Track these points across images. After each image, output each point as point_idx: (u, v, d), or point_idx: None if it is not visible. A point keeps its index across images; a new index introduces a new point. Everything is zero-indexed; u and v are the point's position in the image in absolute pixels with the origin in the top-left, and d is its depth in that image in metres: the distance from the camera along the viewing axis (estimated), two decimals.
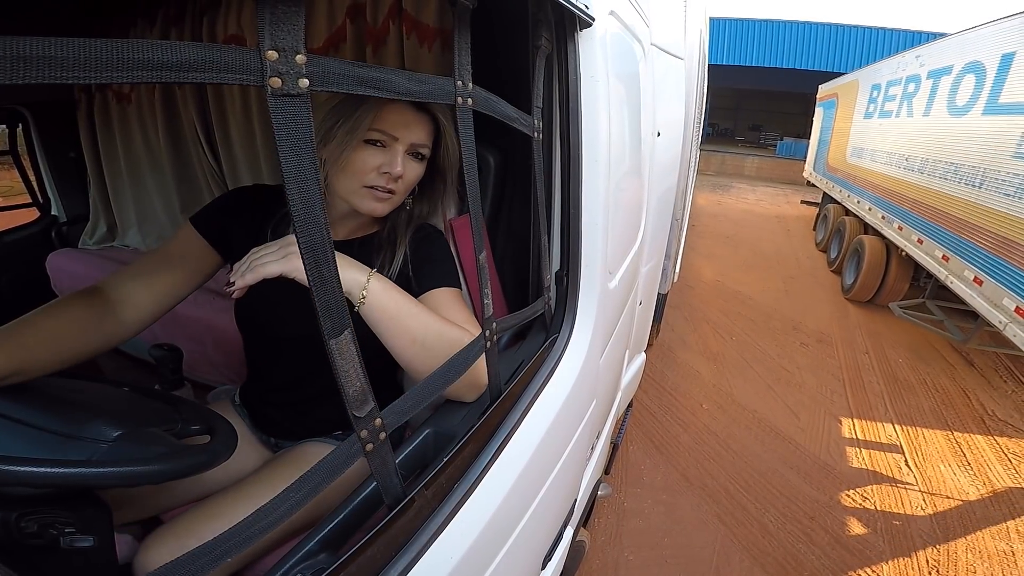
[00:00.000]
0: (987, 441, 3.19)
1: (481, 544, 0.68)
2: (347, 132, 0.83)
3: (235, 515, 0.79)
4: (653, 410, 3.22)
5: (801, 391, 3.60)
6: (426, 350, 0.79)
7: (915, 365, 4.14)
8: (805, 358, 4.11)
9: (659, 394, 3.41)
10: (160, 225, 2.29)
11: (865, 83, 6.71)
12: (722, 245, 7.58)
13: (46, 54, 0.27)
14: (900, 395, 3.68)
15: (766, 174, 17.04)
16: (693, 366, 3.85)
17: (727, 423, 3.14)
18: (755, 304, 5.20)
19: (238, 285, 0.71)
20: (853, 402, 3.53)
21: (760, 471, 2.72)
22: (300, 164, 0.40)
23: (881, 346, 4.44)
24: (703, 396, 3.43)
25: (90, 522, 0.68)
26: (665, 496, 2.49)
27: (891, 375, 3.96)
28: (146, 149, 2.15)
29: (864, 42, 14.51)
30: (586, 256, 1.04)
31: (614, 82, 1.07)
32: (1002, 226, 3.20)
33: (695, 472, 2.68)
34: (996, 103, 3.46)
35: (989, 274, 3.30)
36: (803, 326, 4.73)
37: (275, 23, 0.35)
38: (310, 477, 0.48)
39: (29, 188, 2.38)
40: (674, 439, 2.94)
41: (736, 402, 3.39)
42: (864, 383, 3.80)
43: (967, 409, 3.55)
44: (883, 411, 3.45)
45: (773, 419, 3.21)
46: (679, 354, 4.03)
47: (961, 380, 3.96)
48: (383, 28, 1.36)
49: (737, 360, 3.99)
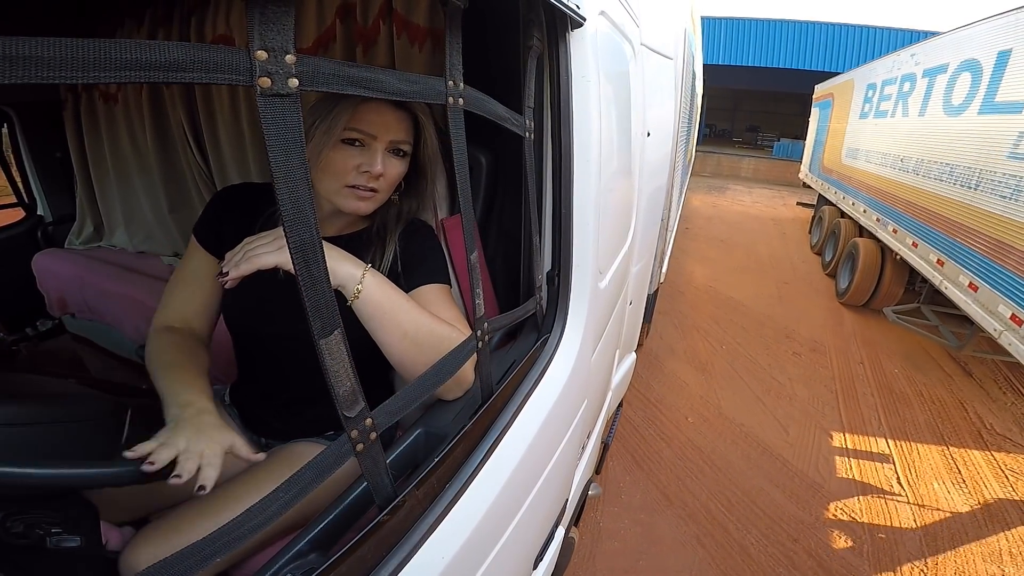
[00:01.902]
0: (984, 456, 3.09)
1: (472, 544, 0.68)
2: (324, 132, 0.82)
3: (224, 515, 0.78)
4: (636, 423, 3.10)
5: (792, 403, 3.48)
6: (416, 346, 0.79)
7: (911, 375, 4.02)
8: (797, 368, 3.99)
9: (643, 406, 3.29)
10: (147, 225, 2.27)
11: (860, 82, 6.66)
12: (716, 248, 7.45)
13: (33, 54, 0.26)
14: (895, 407, 3.56)
15: (763, 175, 16.97)
16: (680, 376, 3.71)
17: (712, 437, 3.02)
18: (747, 310, 5.08)
19: (232, 275, 0.70)
20: (846, 415, 3.42)
21: (744, 489, 2.62)
22: (289, 164, 0.40)
23: (877, 355, 4.32)
24: (689, 408, 3.31)
25: (77, 522, 0.67)
26: (643, 516, 2.39)
27: (886, 386, 3.84)
28: (133, 149, 2.13)
29: (863, 42, 14.45)
30: (577, 256, 1.04)
31: (605, 82, 1.07)
32: (998, 229, 3.10)
33: (676, 490, 2.58)
34: (992, 102, 3.38)
35: (984, 280, 3.20)
36: (796, 334, 4.60)
37: (264, 23, 0.35)
38: (300, 477, 0.48)
39: (15, 188, 2.35)
40: (656, 454, 2.83)
41: (723, 415, 3.27)
42: (858, 395, 3.69)
43: (964, 422, 3.44)
44: (876, 424, 3.35)
45: (761, 433, 3.10)
46: (666, 363, 3.89)
47: (958, 391, 3.83)
48: (373, 28, 1.35)
49: (727, 370, 3.86)
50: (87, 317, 2.11)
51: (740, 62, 15.88)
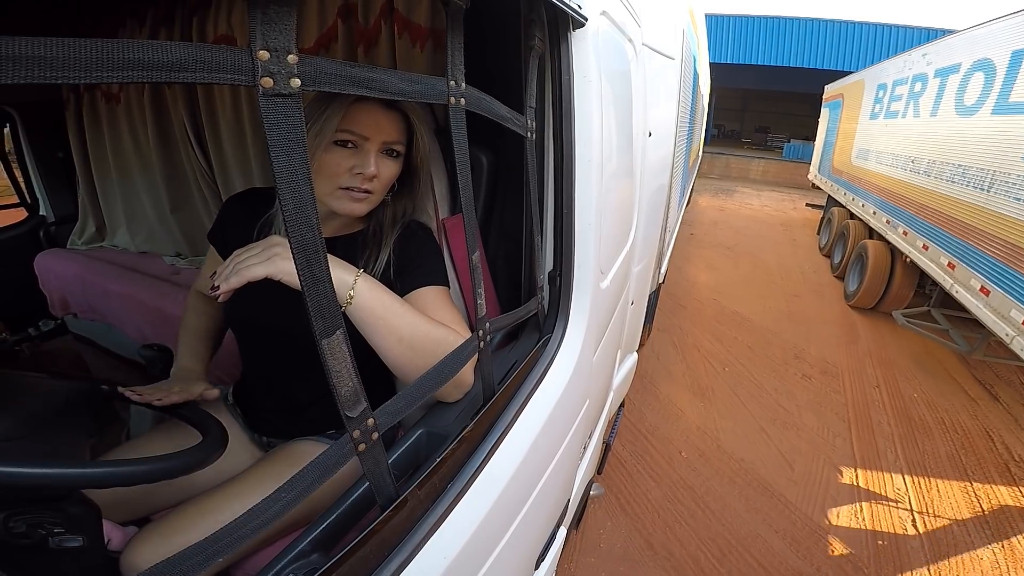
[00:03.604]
0: (1010, 493, 2.79)
1: (474, 544, 0.68)
2: (316, 134, 0.81)
3: (226, 514, 0.78)
4: (624, 458, 2.79)
5: (799, 434, 3.15)
6: (412, 351, 0.78)
7: (932, 400, 3.65)
8: (806, 393, 3.64)
9: (633, 438, 2.97)
10: (149, 225, 2.27)
11: (871, 83, 6.60)
12: (721, 256, 7.02)
13: (35, 54, 0.26)
14: (913, 438, 3.23)
15: (772, 177, 16.45)
16: (677, 404, 3.37)
17: (708, 476, 2.72)
18: (753, 327, 4.69)
19: (222, 289, 0.69)
20: (858, 447, 3.08)
21: (739, 536, 2.35)
22: (291, 164, 0.40)
23: (894, 378, 3.94)
24: (684, 441, 3.00)
25: (79, 522, 0.67)
26: (623, 568, 2.16)
27: (904, 413, 3.48)
28: (135, 149, 2.14)
29: (875, 39, 14.04)
30: (579, 256, 1.04)
31: (606, 82, 1.07)
32: (1011, 232, 3.03)
33: (661, 537, 2.31)
34: (1006, 102, 3.31)
35: (997, 284, 3.13)
36: (806, 354, 4.24)
37: (267, 23, 0.35)
38: (302, 477, 0.48)
39: (17, 188, 2.36)
40: (643, 495, 2.54)
41: (722, 449, 2.95)
42: (872, 424, 3.34)
43: (990, 454, 3.10)
44: (892, 458, 3.01)
45: (763, 470, 2.80)
46: (662, 388, 3.54)
47: (984, 418, 3.47)
48: (374, 28, 1.35)
49: (728, 397, 3.51)
50: (89, 317, 2.11)
51: (749, 61, 15.48)
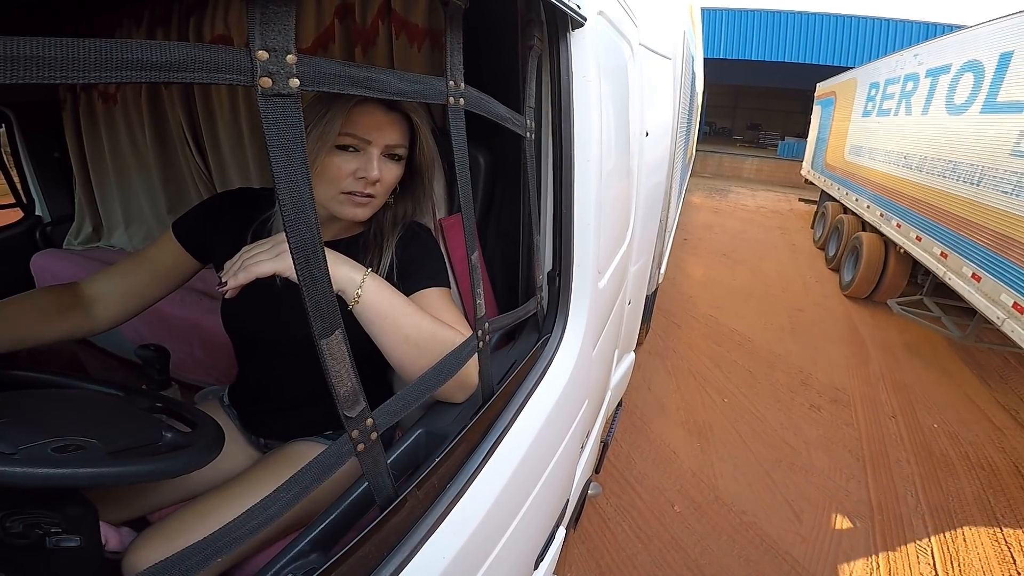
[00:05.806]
0: None
1: (473, 544, 0.68)
2: (318, 138, 0.80)
3: (225, 515, 0.78)
4: (608, 514, 2.40)
5: (808, 478, 2.77)
6: (418, 350, 0.78)
7: (955, 431, 3.29)
8: (815, 427, 3.23)
9: (619, 488, 2.57)
10: (147, 225, 2.26)
11: (863, 81, 6.78)
12: (718, 265, 6.58)
13: (33, 54, 0.26)
14: (935, 477, 2.86)
15: (766, 176, 16.02)
16: (670, 445, 2.94)
17: (703, 533, 2.35)
18: (754, 348, 4.28)
19: (230, 285, 0.70)
20: (875, 491, 2.72)
21: None
22: (290, 164, 0.40)
23: (910, 404, 3.57)
24: (677, 491, 2.60)
25: (76, 522, 0.67)
26: None
27: (924, 447, 3.11)
28: (132, 149, 2.13)
29: (871, 34, 13.78)
30: (578, 256, 1.04)
31: (604, 82, 1.07)
32: (1000, 223, 3.25)
33: None
34: (994, 102, 3.50)
35: (987, 270, 3.34)
36: (813, 379, 3.83)
37: (265, 23, 0.35)
38: (301, 477, 0.48)
39: (13, 188, 2.34)
40: (627, 560, 2.18)
41: (720, 499, 2.56)
42: (890, 462, 2.96)
43: (1020, 493, 2.75)
44: (913, 503, 2.66)
45: (766, 524, 2.43)
46: (653, 426, 3.10)
47: (1013, 450, 3.12)
48: (372, 28, 1.35)
49: (728, 434, 3.10)
50: None
51: (741, 56, 15.07)
